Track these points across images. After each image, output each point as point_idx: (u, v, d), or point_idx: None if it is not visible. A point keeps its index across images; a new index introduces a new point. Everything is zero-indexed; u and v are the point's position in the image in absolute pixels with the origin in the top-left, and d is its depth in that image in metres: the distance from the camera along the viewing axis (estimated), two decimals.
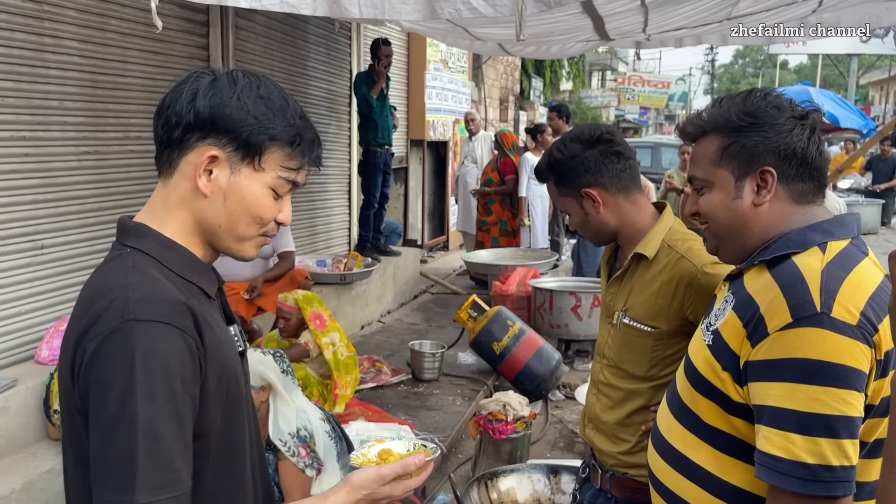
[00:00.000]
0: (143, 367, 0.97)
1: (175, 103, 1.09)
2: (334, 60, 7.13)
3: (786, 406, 1.12)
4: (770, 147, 1.29)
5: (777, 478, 1.12)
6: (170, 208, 1.12)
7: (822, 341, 1.11)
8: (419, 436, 3.97)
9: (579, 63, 19.83)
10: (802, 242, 1.25)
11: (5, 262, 3.59)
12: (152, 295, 1.02)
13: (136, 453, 0.95)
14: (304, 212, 6.78)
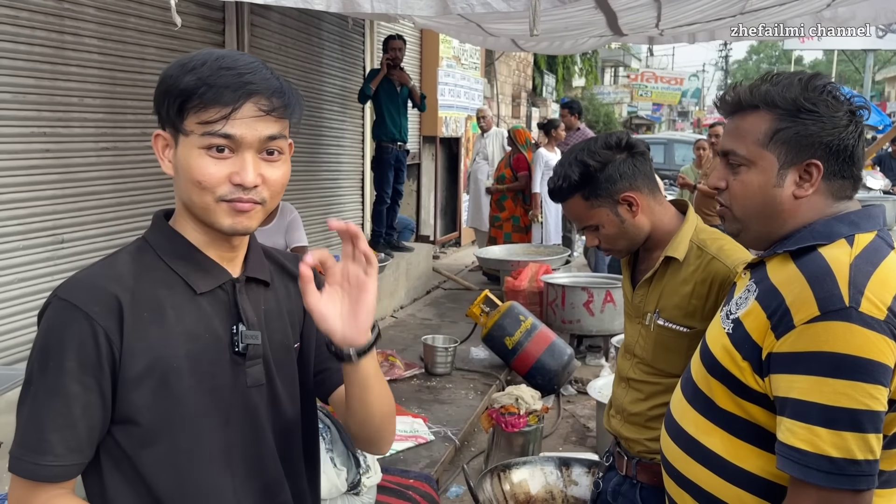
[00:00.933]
0: (43, 339, 1.07)
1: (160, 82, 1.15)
2: (348, 57, 7.17)
3: (811, 399, 1.12)
4: (824, 140, 1.24)
5: (801, 470, 1.13)
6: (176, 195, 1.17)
7: (851, 335, 1.11)
8: (432, 429, 4.01)
9: (592, 59, 19.77)
10: (829, 234, 1.23)
11: (27, 256, 3.65)
12: (83, 277, 1.11)
13: (24, 413, 1.07)
14: (318, 207, 6.83)
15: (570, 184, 1.80)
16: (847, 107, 1.26)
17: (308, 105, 6.46)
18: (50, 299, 1.09)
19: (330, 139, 6.90)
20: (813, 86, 1.27)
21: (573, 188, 1.80)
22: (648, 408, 1.84)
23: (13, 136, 3.54)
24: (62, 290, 1.09)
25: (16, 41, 3.51)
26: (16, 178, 3.57)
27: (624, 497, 1.89)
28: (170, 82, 1.07)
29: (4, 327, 3.57)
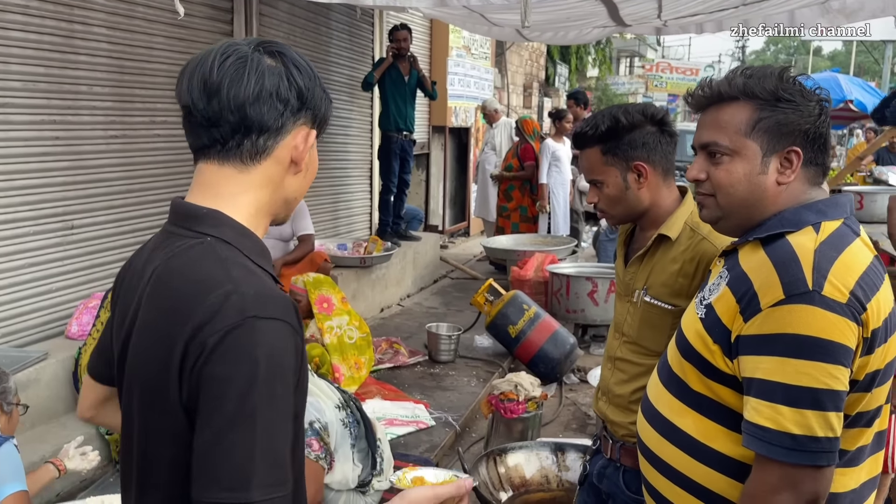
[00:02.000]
0: (266, 365, 0.95)
1: (276, 91, 1.05)
2: (356, 47, 7.21)
3: (775, 379, 1.17)
4: (802, 128, 1.29)
5: (764, 447, 1.17)
6: (247, 191, 1.09)
7: (813, 318, 1.15)
8: (433, 414, 4.07)
9: (605, 49, 19.68)
10: (797, 222, 1.27)
11: (37, 241, 3.74)
12: (266, 291, 1.00)
13: (254, 452, 0.93)
14: (327, 196, 6.89)
15: (596, 133, 1.84)
16: (816, 97, 1.31)
17: None
18: (244, 321, 0.95)
19: (338, 129, 6.96)
20: (788, 77, 1.32)
21: (596, 138, 1.84)
22: (631, 390, 1.88)
23: (24, 123, 3.61)
24: (261, 308, 0.97)
25: (26, 30, 3.58)
26: (26, 165, 3.65)
27: (608, 479, 1.94)
28: (325, 89, 1.12)
29: (16, 310, 3.66)
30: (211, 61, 1.04)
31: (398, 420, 3.91)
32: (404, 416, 3.99)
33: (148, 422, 1.04)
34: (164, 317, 1.01)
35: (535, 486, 3.13)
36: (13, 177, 3.59)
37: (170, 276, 1.04)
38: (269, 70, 1.05)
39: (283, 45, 1.09)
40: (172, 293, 1.02)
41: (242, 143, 1.06)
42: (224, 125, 1.05)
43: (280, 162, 1.09)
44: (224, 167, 1.08)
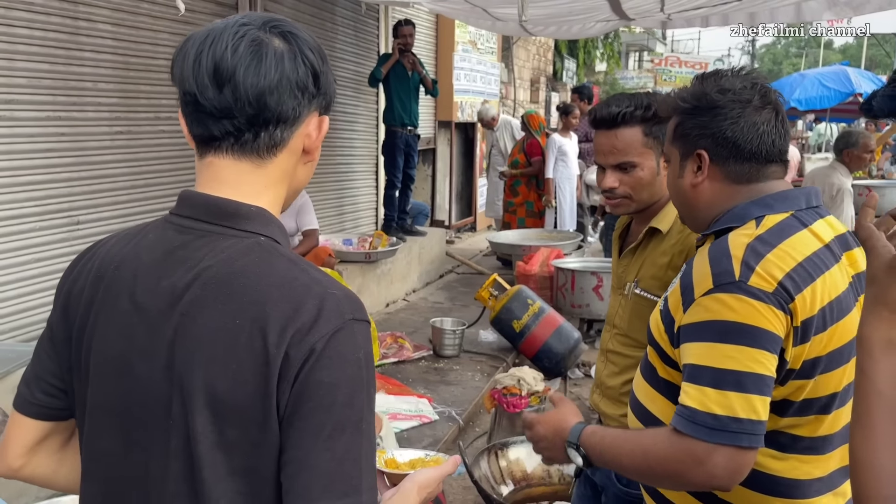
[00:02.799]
0: (367, 367, 0.93)
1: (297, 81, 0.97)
2: (362, 42, 7.22)
3: (703, 363, 1.23)
4: (706, 132, 1.36)
5: (690, 427, 1.22)
6: (268, 188, 1.01)
7: (738, 304, 1.21)
8: (437, 409, 4.08)
9: (613, 44, 19.59)
10: (742, 217, 1.34)
11: (43, 236, 3.77)
12: (349, 293, 0.96)
13: (361, 455, 0.91)
14: (332, 191, 6.91)
15: (644, 113, 1.81)
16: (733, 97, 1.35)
17: None
18: (345, 324, 0.91)
19: (343, 123, 6.97)
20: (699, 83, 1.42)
21: (640, 118, 1.81)
22: (622, 382, 1.89)
23: (29, 119, 3.64)
24: (355, 311, 0.93)
25: (31, 27, 3.61)
26: (32, 161, 3.68)
27: (601, 472, 1.95)
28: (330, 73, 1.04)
29: (22, 305, 3.69)
30: (223, 46, 0.93)
31: (402, 414, 3.93)
32: (408, 410, 4.01)
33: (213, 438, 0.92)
34: (241, 322, 0.91)
35: (537, 480, 3.14)
36: (18, 173, 3.62)
37: (231, 279, 0.93)
38: (286, 54, 0.96)
39: (293, 24, 1.00)
40: (246, 297, 0.92)
41: (259, 135, 0.97)
42: (239, 116, 0.95)
43: (294, 153, 1.02)
44: (240, 162, 0.99)
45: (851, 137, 5.16)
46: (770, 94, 1.37)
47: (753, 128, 1.34)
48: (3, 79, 3.50)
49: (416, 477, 1.11)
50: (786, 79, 13.63)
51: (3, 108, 3.52)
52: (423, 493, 1.10)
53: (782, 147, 1.38)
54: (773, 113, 1.36)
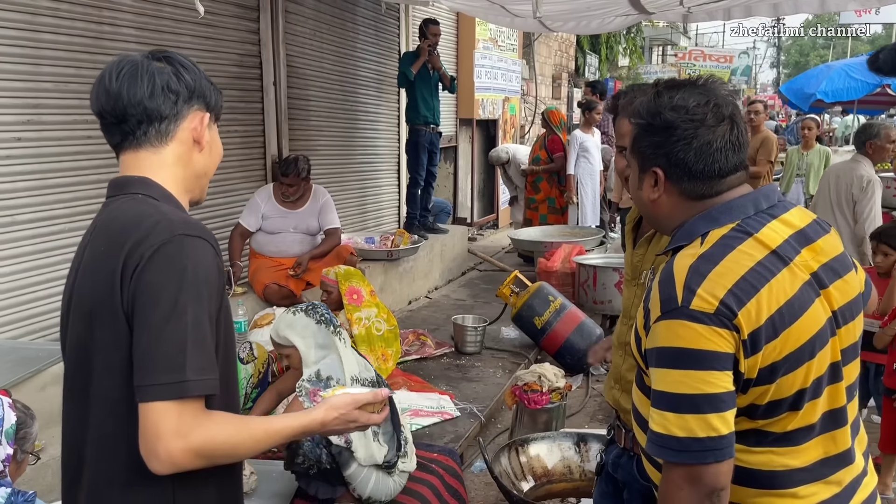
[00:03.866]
0: (193, 272, 1.18)
1: (167, 85, 1.31)
2: (383, 42, 7.25)
3: (660, 388, 1.28)
4: (659, 151, 1.39)
5: (658, 450, 1.28)
6: (165, 167, 1.34)
7: (683, 330, 1.25)
8: (459, 405, 4.10)
9: (636, 38, 19.44)
10: (690, 233, 1.37)
11: (72, 238, 3.85)
12: (191, 219, 1.26)
13: (186, 342, 1.15)
14: (355, 190, 6.95)
15: None
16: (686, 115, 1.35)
17: (343, 90, 6.58)
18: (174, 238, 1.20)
19: (365, 122, 7.01)
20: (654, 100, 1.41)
21: None
22: None
23: (56, 123, 3.72)
24: (188, 229, 1.22)
25: (56, 32, 3.69)
26: (61, 164, 3.77)
27: (623, 469, 1.95)
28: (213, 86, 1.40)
29: (52, 306, 3.77)
30: (109, 73, 1.30)
31: (424, 411, 3.95)
32: (430, 406, 4.03)
33: (96, 337, 1.24)
34: (105, 248, 1.24)
35: (558, 476, 3.15)
36: (48, 175, 3.70)
37: (109, 222, 1.28)
38: (157, 70, 1.31)
39: (171, 52, 1.36)
40: (111, 231, 1.26)
41: (148, 130, 1.32)
42: (130, 119, 1.30)
43: (184, 142, 1.35)
44: (139, 152, 1.33)
45: (873, 129, 5.08)
46: (724, 108, 1.37)
47: (706, 147, 1.35)
48: (30, 83, 3.59)
49: (329, 399, 1.37)
50: (812, 70, 13.42)
51: (32, 113, 3.60)
52: (332, 412, 1.35)
53: (738, 160, 1.38)
54: (729, 126, 1.36)
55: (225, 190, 5.08)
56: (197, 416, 1.16)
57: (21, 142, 3.56)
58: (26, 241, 3.62)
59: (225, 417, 1.22)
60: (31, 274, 3.66)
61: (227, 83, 4.92)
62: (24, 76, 3.56)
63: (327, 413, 1.34)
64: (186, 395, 1.14)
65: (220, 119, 1.44)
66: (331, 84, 6.37)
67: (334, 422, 1.35)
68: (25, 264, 3.61)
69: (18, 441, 1.98)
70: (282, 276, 4.78)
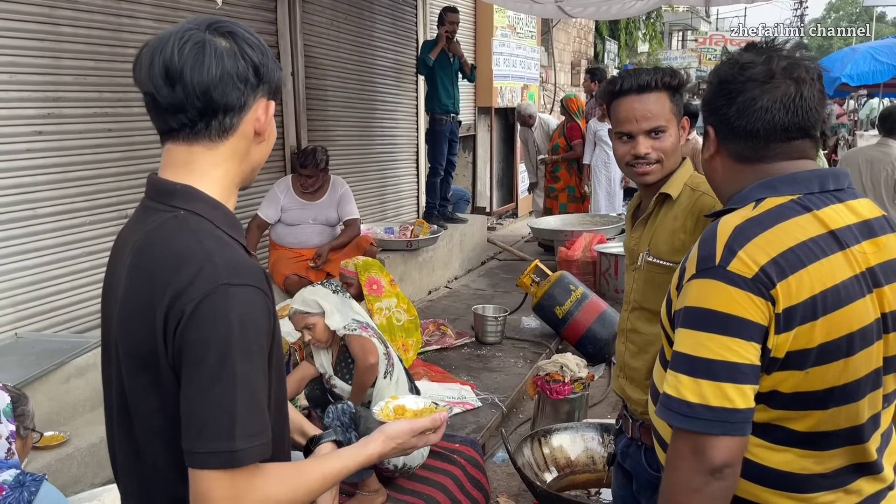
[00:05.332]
0: (240, 327, 1.05)
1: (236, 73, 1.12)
2: (400, 31, 7.21)
3: (681, 349, 1.22)
4: (710, 107, 1.35)
5: (665, 413, 1.22)
6: (216, 165, 1.17)
7: (715, 291, 1.19)
8: (480, 396, 4.09)
9: (655, 24, 19.23)
10: (744, 198, 1.30)
11: (93, 230, 3.87)
12: (236, 260, 1.10)
13: (235, 405, 1.04)
14: (374, 181, 6.94)
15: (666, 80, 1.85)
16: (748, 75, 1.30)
17: (361, 79, 6.55)
18: (218, 288, 1.05)
19: (384, 112, 6.98)
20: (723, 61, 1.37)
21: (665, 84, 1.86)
22: (645, 362, 1.87)
23: (76, 116, 3.73)
24: (233, 276, 1.07)
25: (75, 25, 3.69)
26: (81, 157, 3.78)
27: (631, 458, 1.93)
28: (276, 63, 1.20)
29: (74, 298, 3.80)
30: (171, 49, 1.09)
31: (445, 401, 3.94)
32: (451, 397, 4.02)
33: (134, 381, 1.13)
34: (145, 287, 1.09)
35: (581, 466, 3.13)
36: (68, 168, 3.71)
37: (149, 249, 1.12)
38: (226, 53, 1.11)
39: (233, 24, 1.16)
40: (151, 264, 1.10)
41: (210, 124, 1.14)
42: (191, 110, 1.11)
43: (245, 136, 1.18)
44: (194, 146, 1.15)
45: None
46: (789, 69, 1.28)
47: (750, 104, 1.29)
48: (50, 77, 3.60)
49: (386, 428, 1.27)
50: (836, 54, 13.16)
51: (52, 106, 3.61)
52: (389, 444, 1.26)
53: (791, 125, 1.29)
54: (788, 87, 1.28)
55: None
56: (250, 479, 1.07)
57: (42, 135, 3.58)
58: (48, 235, 3.64)
59: (279, 473, 1.12)
60: (53, 267, 3.68)
61: None
62: (44, 69, 3.57)
63: (385, 445, 1.26)
64: (236, 465, 1.04)
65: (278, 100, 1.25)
66: (349, 74, 6.35)
67: (393, 452, 1.27)
68: (47, 257, 3.64)
69: (18, 418, 1.99)
70: (302, 267, 4.78)
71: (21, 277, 3.53)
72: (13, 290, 3.49)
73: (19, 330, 3.50)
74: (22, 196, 3.51)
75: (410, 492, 2.94)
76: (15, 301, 3.50)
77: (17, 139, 3.46)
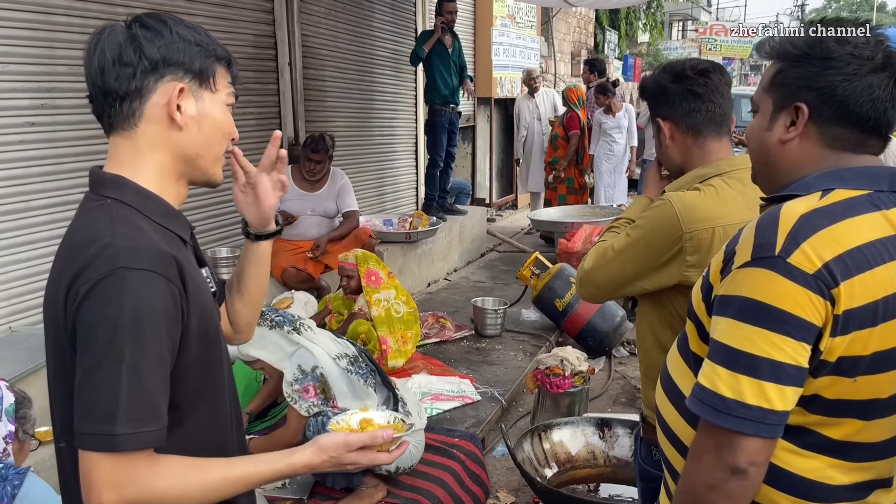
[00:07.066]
0: (132, 310, 1.04)
1: (118, 58, 1.12)
2: (399, 21, 7.14)
3: (722, 340, 1.14)
4: (812, 83, 1.20)
5: (697, 405, 1.15)
6: (141, 155, 1.17)
7: (770, 283, 1.10)
8: (479, 389, 4.05)
9: (656, 14, 19.13)
10: (809, 186, 1.20)
11: None
12: (141, 245, 1.08)
13: (120, 388, 1.02)
14: (373, 172, 6.89)
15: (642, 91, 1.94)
16: (852, 50, 1.19)
17: (359, 70, 6.49)
18: (114, 271, 1.05)
19: (382, 103, 6.92)
20: (813, 29, 1.25)
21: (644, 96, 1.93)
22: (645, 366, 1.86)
23: (71, 107, 3.68)
24: (132, 260, 1.06)
25: (70, 14, 3.64)
26: (76, 149, 3.74)
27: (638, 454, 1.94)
28: (203, 45, 1.19)
29: None
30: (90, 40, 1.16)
31: (444, 395, 3.91)
32: (450, 391, 3.98)
33: (52, 363, 1.16)
34: (60, 270, 1.12)
35: (582, 462, 3.10)
36: (62, 160, 3.67)
37: (70, 235, 1.15)
38: (113, 40, 1.13)
39: (153, 14, 1.17)
40: (67, 250, 1.13)
41: (111, 112, 1.15)
42: (96, 98, 1.16)
43: (156, 121, 1.16)
44: (115, 136, 1.17)
45: None
46: (892, 57, 1.20)
47: (868, 90, 1.18)
48: (44, 67, 3.54)
49: (320, 439, 1.22)
50: None
51: (46, 97, 3.56)
52: (320, 455, 1.20)
53: (891, 120, 1.21)
54: (892, 80, 1.19)
55: None
56: (136, 466, 1.04)
57: (35, 126, 3.53)
58: (41, 227, 3.60)
59: (173, 466, 1.09)
60: (46, 260, 3.63)
61: (242, 64, 4.79)
62: (38, 59, 3.52)
63: (314, 456, 1.19)
64: (116, 449, 1.02)
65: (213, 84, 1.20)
66: (347, 64, 6.29)
67: (324, 465, 1.20)
68: (41, 250, 3.59)
69: (19, 420, 1.95)
70: (300, 259, 4.74)
71: (15, 271, 3.49)
72: (7, 284, 3.45)
73: (13, 324, 3.47)
74: (15, 188, 3.46)
75: (410, 487, 2.91)
76: (9, 295, 3.46)
77: (9, 130, 3.42)
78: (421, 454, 3.00)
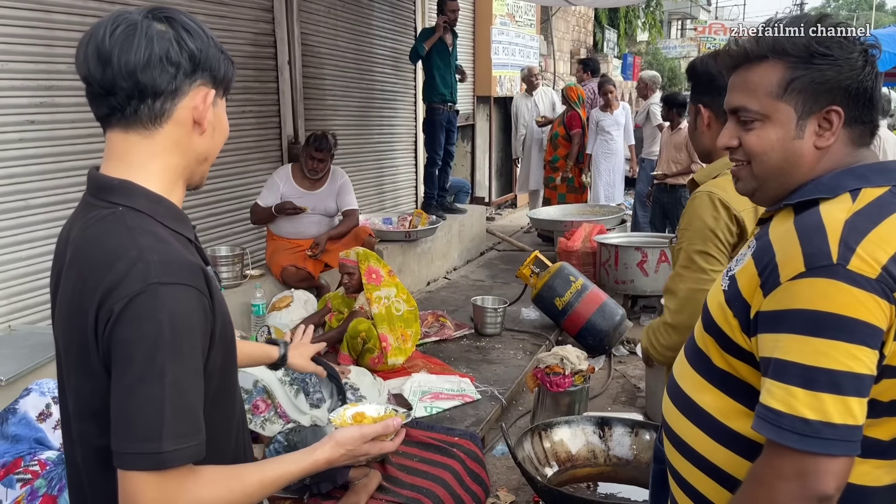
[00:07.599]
0: (170, 327, 1.03)
1: (166, 56, 1.10)
2: (399, 19, 7.13)
3: (791, 359, 1.08)
4: (842, 84, 1.16)
5: (774, 432, 1.08)
6: (155, 156, 1.14)
7: (835, 293, 1.05)
8: (479, 388, 4.05)
9: (655, 12, 19.12)
10: (833, 188, 1.16)
11: None
12: (170, 258, 1.07)
13: (163, 405, 1.02)
14: (372, 171, 6.88)
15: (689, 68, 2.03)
16: (860, 46, 1.18)
17: (359, 68, 6.48)
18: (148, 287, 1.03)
19: (382, 102, 6.91)
20: (824, 27, 1.20)
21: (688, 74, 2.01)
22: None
23: (70, 105, 3.68)
24: (164, 275, 1.04)
25: (69, 12, 3.63)
26: (75, 147, 3.73)
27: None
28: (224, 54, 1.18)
29: None
30: (102, 31, 1.09)
31: (444, 394, 3.90)
32: (450, 389, 3.98)
33: (76, 381, 1.12)
34: (79, 285, 1.08)
35: (582, 461, 3.09)
36: (62, 158, 3.66)
37: (84, 246, 1.10)
38: (157, 35, 1.09)
39: (175, 11, 1.14)
40: (86, 262, 1.09)
41: (139, 108, 1.11)
42: (119, 92, 1.10)
43: (182, 124, 1.14)
44: (129, 134, 1.13)
45: None
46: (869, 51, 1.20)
47: (879, 84, 1.18)
48: (43, 65, 3.53)
49: (336, 434, 1.26)
50: None
51: (45, 95, 3.55)
52: (338, 450, 1.24)
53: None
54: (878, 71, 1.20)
55: (239, 171, 5.03)
56: (181, 481, 1.04)
57: (34, 124, 3.52)
58: (40, 226, 3.59)
59: (214, 476, 1.10)
60: (46, 258, 3.63)
61: (241, 62, 4.85)
62: (37, 57, 3.51)
63: (334, 451, 1.24)
64: (164, 467, 1.02)
65: (229, 93, 1.22)
66: (346, 62, 6.28)
67: (342, 458, 1.25)
68: (41, 248, 3.58)
69: None
70: (299, 257, 4.73)
71: (14, 269, 3.48)
72: (6, 282, 3.45)
73: (13, 322, 3.46)
74: (14, 186, 3.45)
75: (410, 486, 2.91)
76: (8, 293, 3.45)
77: (8, 128, 3.41)
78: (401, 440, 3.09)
